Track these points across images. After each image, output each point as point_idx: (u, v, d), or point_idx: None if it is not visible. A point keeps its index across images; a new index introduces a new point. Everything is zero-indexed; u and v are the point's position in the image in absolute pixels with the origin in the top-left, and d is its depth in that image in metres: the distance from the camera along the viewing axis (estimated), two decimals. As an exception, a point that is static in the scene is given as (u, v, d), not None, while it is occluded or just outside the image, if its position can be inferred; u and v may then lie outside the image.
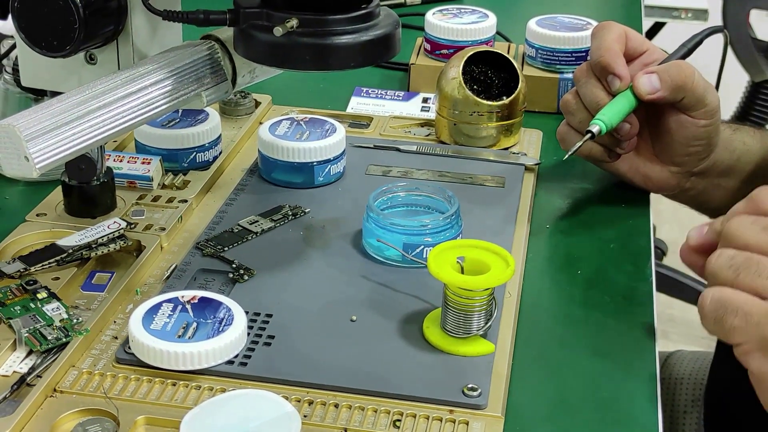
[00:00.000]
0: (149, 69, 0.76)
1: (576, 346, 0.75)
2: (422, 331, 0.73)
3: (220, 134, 0.97)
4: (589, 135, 0.87)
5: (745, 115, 2.27)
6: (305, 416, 0.65)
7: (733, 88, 2.30)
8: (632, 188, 0.94)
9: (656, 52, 0.91)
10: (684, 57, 0.91)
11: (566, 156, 0.89)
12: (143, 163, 0.91)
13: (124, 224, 0.82)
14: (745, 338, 0.62)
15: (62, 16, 0.74)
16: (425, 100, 1.14)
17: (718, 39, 1.00)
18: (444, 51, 1.14)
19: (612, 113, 0.87)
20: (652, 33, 2.37)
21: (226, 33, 0.81)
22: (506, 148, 1.01)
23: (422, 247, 0.80)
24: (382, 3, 0.76)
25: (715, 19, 2.12)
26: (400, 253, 0.80)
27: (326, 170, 0.92)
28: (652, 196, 0.96)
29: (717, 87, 0.92)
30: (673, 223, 2.65)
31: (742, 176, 0.93)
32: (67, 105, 0.70)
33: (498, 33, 1.22)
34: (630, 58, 0.90)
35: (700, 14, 2.16)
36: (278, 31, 0.71)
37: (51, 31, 0.75)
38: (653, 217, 0.93)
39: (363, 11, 0.74)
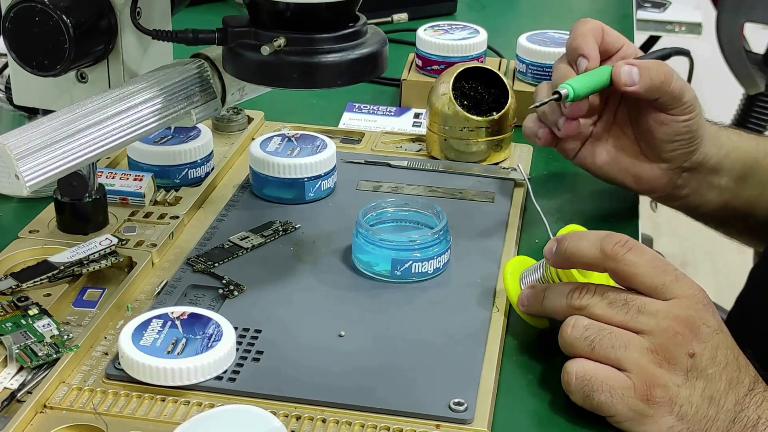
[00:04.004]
0: (139, 87, 0.76)
1: (563, 360, 0.75)
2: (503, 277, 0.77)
3: (212, 150, 0.97)
4: (556, 96, 0.87)
5: (740, 127, 2.27)
6: (293, 431, 0.66)
7: (728, 100, 2.31)
8: (622, 202, 0.94)
9: (632, 48, 0.93)
10: None
11: (530, 107, 0.89)
12: (135, 179, 0.92)
13: (115, 240, 0.83)
14: (614, 411, 0.67)
15: (53, 36, 0.74)
16: (417, 116, 1.14)
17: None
18: (435, 67, 1.15)
19: (581, 83, 0.87)
20: (645, 48, 2.38)
21: (215, 51, 0.82)
22: (496, 163, 1.01)
23: (411, 262, 0.80)
24: (369, 21, 0.77)
25: (710, 32, 2.13)
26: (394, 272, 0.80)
27: (317, 186, 0.93)
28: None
29: None
30: (670, 235, 2.65)
31: (732, 174, 0.94)
32: (58, 123, 0.71)
33: (489, 48, 1.23)
34: (608, 54, 0.92)
35: (694, 27, 2.16)
36: (266, 50, 0.72)
37: (42, 50, 0.75)
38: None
39: (350, 30, 0.75)
